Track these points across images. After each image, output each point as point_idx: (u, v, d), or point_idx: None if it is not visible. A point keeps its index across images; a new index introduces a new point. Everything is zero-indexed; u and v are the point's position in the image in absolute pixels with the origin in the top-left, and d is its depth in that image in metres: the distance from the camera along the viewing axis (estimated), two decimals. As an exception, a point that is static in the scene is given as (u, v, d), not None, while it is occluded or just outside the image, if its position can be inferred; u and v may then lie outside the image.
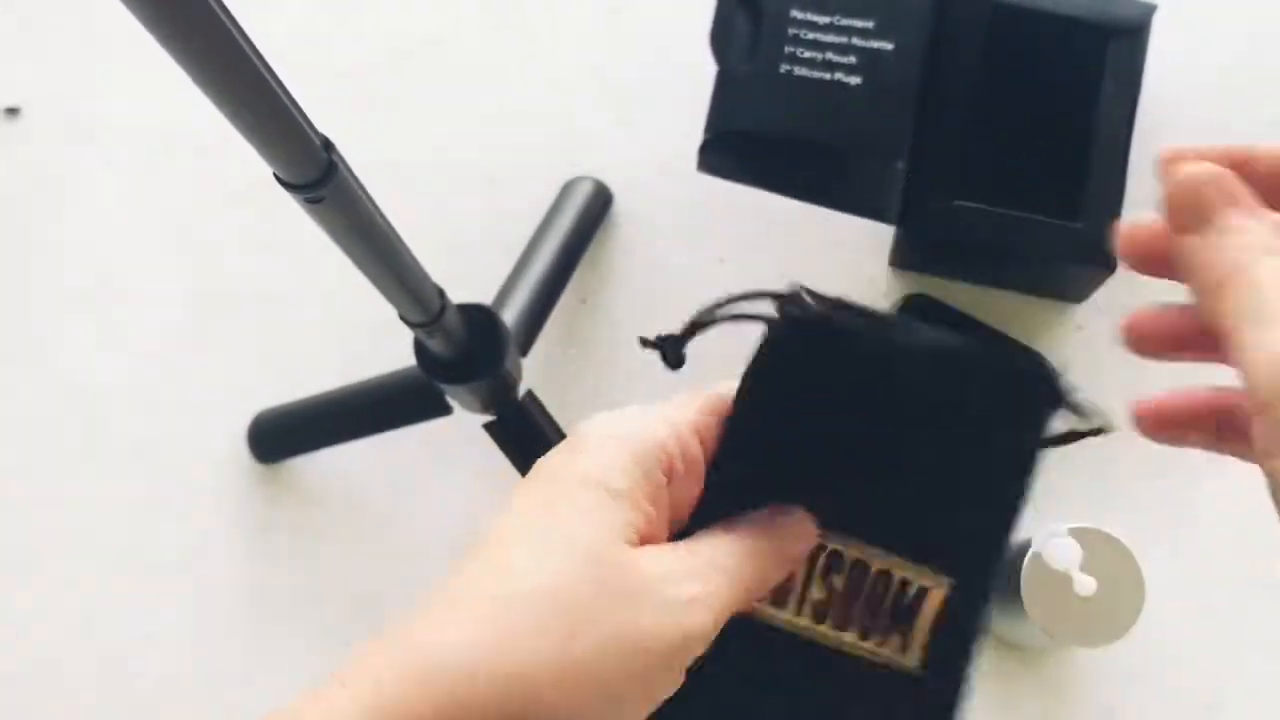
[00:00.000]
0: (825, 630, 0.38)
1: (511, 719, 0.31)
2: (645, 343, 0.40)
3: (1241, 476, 0.39)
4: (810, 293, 0.37)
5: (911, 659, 0.39)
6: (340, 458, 0.84)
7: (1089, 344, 0.80)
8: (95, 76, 0.91)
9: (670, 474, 0.36)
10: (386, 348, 0.74)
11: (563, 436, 0.82)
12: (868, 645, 0.38)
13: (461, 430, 0.76)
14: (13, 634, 0.84)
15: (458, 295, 0.65)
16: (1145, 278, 0.33)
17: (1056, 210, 0.74)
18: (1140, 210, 0.35)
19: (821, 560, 0.38)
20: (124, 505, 0.85)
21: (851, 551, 0.38)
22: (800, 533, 0.37)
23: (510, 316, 0.76)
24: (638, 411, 0.37)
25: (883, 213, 0.76)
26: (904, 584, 0.38)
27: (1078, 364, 0.90)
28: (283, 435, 0.84)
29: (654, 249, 0.85)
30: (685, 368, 0.39)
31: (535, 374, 0.82)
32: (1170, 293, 0.35)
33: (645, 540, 0.35)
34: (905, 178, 0.74)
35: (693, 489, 0.37)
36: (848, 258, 0.83)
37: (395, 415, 0.80)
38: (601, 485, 0.34)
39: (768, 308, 0.38)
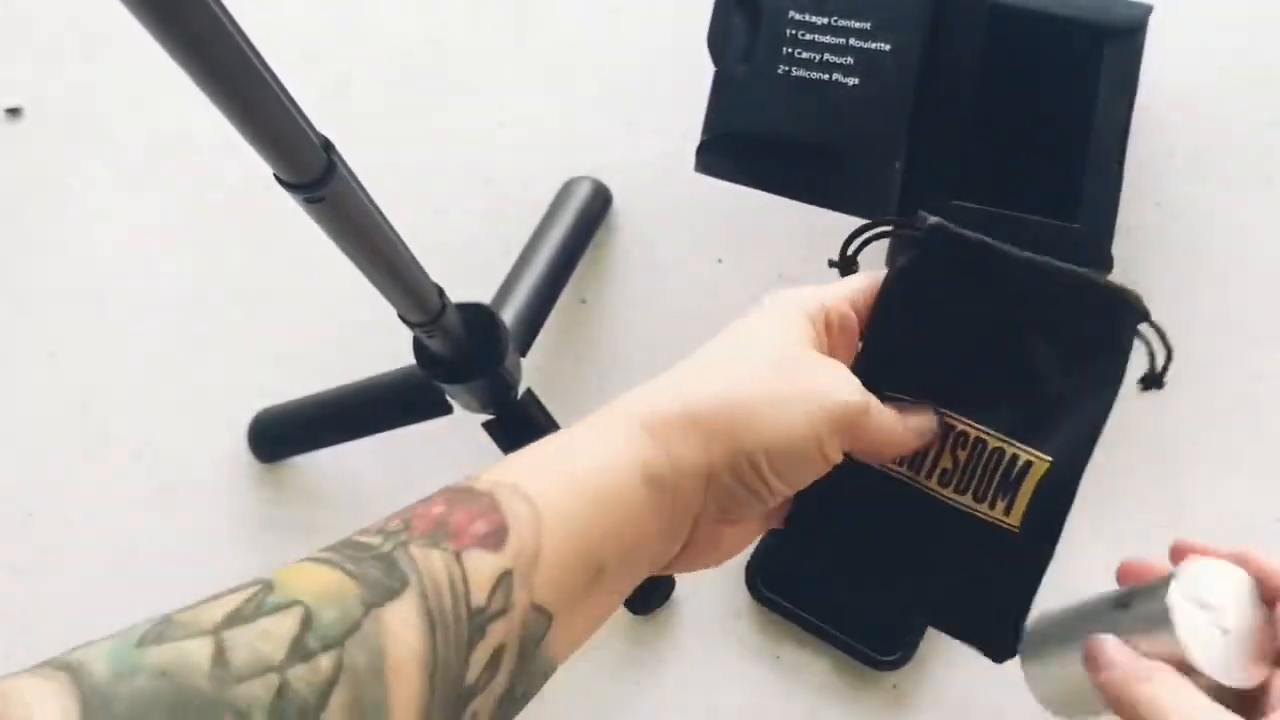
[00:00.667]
0: (949, 493, 0.49)
1: (726, 427, 0.43)
2: (831, 263, 0.53)
3: (1239, 480, 0.39)
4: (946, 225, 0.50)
5: (1013, 520, 0.49)
6: (340, 457, 0.84)
7: (1087, 344, 0.80)
8: (96, 77, 0.92)
9: (829, 328, 0.47)
10: (386, 347, 0.74)
11: (562, 435, 0.82)
12: (981, 507, 0.49)
13: (461, 429, 0.76)
14: (14, 633, 0.84)
15: (457, 295, 0.65)
16: (1141, 278, 0.34)
17: (1053, 210, 0.74)
18: (1136, 211, 0.36)
19: (951, 438, 0.49)
20: (125, 504, 0.85)
21: (974, 431, 0.49)
22: (925, 427, 0.48)
23: (510, 316, 0.76)
24: (808, 286, 0.49)
25: (880, 212, 0.76)
26: (1014, 459, 0.49)
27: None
28: (283, 434, 0.85)
29: (653, 249, 0.85)
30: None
31: (535, 373, 0.83)
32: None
33: None
34: (902, 178, 0.74)
35: (848, 347, 0.49)
36: (846, 258, 0.84)
37: (395, 414, 0.80)
38: (785, 317, 0.46)
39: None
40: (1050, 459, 0.49)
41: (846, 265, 0.52)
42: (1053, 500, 0.50)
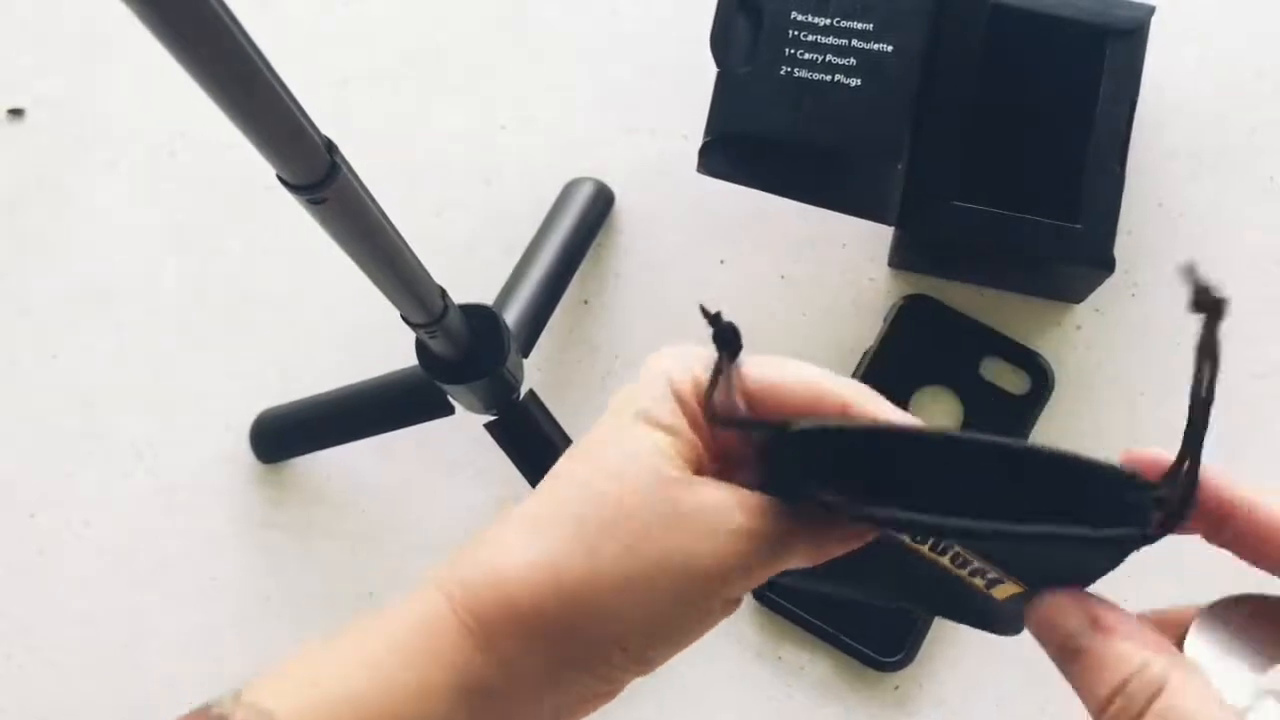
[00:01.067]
0: (925, 549, 0.39)
1: (569, 625, 0.34)
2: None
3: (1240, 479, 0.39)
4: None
5: (997, 595, 0.40)
6: (342, 457, 0.84)
7: (1088, 344, 0.80)
8: (98, 78, 0.92)
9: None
10: (388, 348, 0.74)
11: (564, 436, 0.83)
12: (963, 573, 0.39)
13: (463, 430, 0.77)
14: (15, 633, 0.84)
15: (459, 296, 0.65)
16: (1143, 279, 0.33)
17: (1055, 211, 0.74)
18: (1138, 211, 0.36)
19: None
20: (125, 505, 0.85)
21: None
22: (858, 537, 0.37)
23: (512, 317, 0.76)
24: (691, 349, 0.39)
25: (882, 214, 0.76)
26: (980, 569, 0.39)
27: (1076, 364, 0.90)
28: (284, 435, 0.85)
29: (655, 250, 0.85)
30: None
31: (537, 374, 0.83)
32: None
33: (697, 468, 0.37)
34: (904, 179, 0.74)
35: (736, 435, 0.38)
36: (847, 259, 0.84)
37: (397, 415, 0.80)
38: (650, 419, 0.37)
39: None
40: (1023, 587, 0.39)
41: (723, 340, 0.35)
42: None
